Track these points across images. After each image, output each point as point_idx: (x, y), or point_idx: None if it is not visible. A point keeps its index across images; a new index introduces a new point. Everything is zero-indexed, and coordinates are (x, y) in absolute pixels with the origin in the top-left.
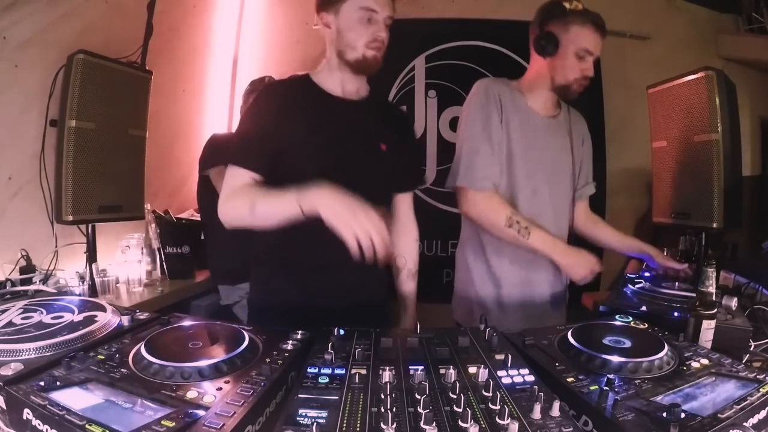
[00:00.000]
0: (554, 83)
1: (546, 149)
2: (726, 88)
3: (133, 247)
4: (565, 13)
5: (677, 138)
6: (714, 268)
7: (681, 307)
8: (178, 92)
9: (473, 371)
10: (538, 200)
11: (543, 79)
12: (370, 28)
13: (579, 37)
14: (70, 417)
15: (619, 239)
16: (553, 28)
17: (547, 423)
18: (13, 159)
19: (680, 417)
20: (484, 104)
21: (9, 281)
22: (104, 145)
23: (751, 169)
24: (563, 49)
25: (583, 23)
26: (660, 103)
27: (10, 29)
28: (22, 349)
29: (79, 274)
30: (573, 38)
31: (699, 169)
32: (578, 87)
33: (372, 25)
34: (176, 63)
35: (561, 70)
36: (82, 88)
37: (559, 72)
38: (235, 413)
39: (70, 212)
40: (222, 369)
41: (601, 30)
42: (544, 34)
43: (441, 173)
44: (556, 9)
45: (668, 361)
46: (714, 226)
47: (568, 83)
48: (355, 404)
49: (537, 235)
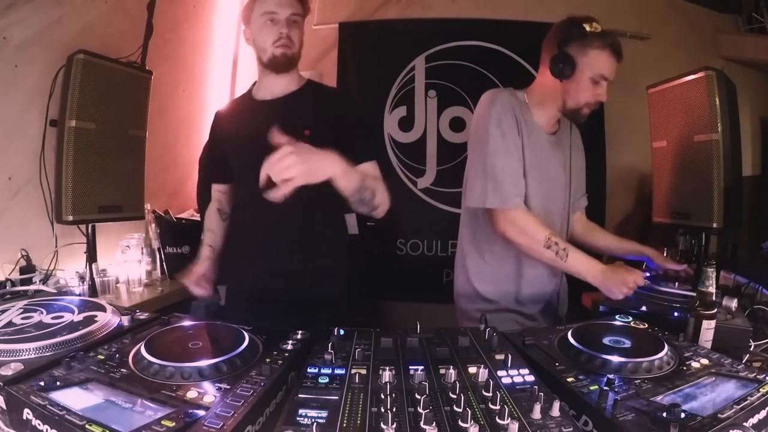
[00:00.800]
0: (565, 106)
1: (549, 166)
2: (726, 88)
3: (133, 247)
4: (585, 35)
5: (677, 138)
6: (714, 268)
7: (681, 307)
8: (178, 92)
9: (473, 371)
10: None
11: (553, 100)
12: (274, 28)
13: (597, 62)
14: (70, 417)
15: (617, 243)
16: (571, 50)
17: (547, 423)
18: (13, 159)
19: (680, 417)
20: (503, 119)
21: (9, 281)
22: (104, 145)
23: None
24: (579, 73)
25: (602, 47)
26: (660, 103)
27: (10, 29)
28: (22, 349)
29: (79, 274)
30: (590, 62)
31: (699, 169)
32: (588, 110)
33: (275, 25)
34: (176, 63)
35: (574, 93)
36: (82, 88)
37: (572, 95)
38: (235, 413)
39: (70, 212)
40: (222, 369)
41: (617, 55)
42: (562, 56)
43: (441, 173)
44: (575, 30)
45: (668, 361)
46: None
47: (579, 107)
48: (355, 404)
49: (574, 256)
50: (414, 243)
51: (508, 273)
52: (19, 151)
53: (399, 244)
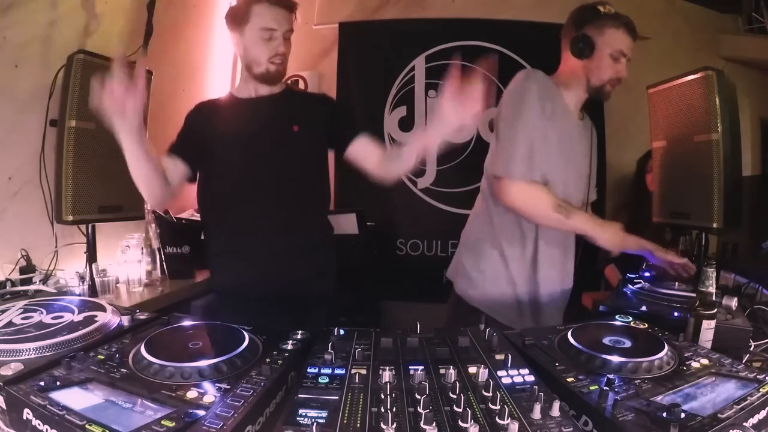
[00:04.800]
0: (590, 84)
1: (577, 150)
2: (726, 88)
3: (133, 247)
4: (600, 17)
5: (677, 138)
6: (714, 268)
7: (681, 307)
8: (178, 92)
9: (473, 371)
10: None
11: (578, 80)
12: (271, 44)
13: (614, 40)
14: (70, 417)
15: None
16: (589, 31)
17: (547, 423)
18: (13, 159)
19: (680, 417)
20: (539, 94)
21: (9, 281)
22: (104, 145)
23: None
24: (598, 51)
25: (618, 26)
26: (660, 103)
27: (10, 29)
28: (22, 349)
29: (79, 274)
30: (608, 41)
31: (699, 169)
32: (611, 87)
33: (272, 41)
34: (176, 63)
35: (596, 71)
36: (82, 88)
37: (594, 73)
38: (235, 413)
39: (70, 212)
40: (222, 369)
41: (633, 32)
42: (581, 37)
43: (441, 173)
44: (590, 13)
45: (668, 361)
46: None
47: (602, 84)
48: (355, 404)
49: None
50: (414, 243)
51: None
52: (19, 151)
53: (399, 244)
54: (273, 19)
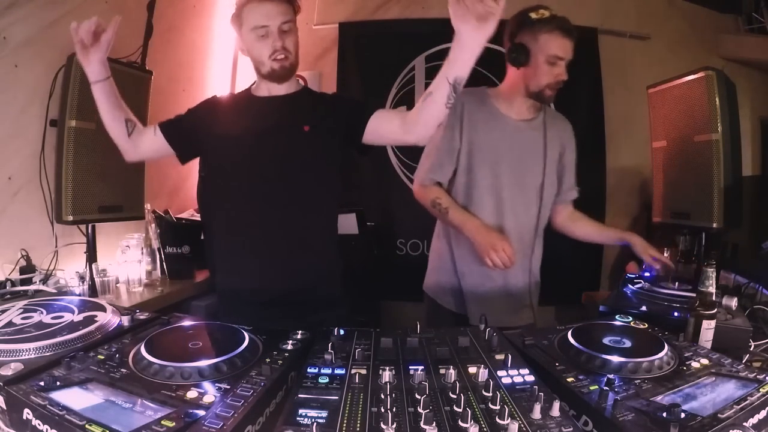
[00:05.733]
0: (528, 90)
1: (513, 148)
2: (726, 88)
3: (133, 247)
4: (532, 23)
5: (677, 138)
6: (714, 268)
7: (681, 307)
8: (178, 92)
9: (473, 371)
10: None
11: (517, 88)
12: (267, 41)
13: (548, 45)
14: (70, 417)
15: (599, 231)
16: (523, 38)
17: (547, 423)
18: (13, 159)
19: (680, 417)
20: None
21: (9, 281)
22: (104, 145)
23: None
24: (534, 58)
25: (551, 30)
26: (660, 103)
27: (10, 29)
28: (22, 349)
29: (79, 274)
30: (542, 46)
31: (699, 169)
32: (551, 92)
33: (268, 38)
34: (176, 63)
35: (534, 77)
36: (82, 88)
37: (532, 80)
38: (235, 413)
39: (70, 212)
40: (222, 369)
41: (569, 34)
42: (515, 46)
43: None
44: (522, 19)
45: (668, 361)
46: (714, 226)
47: (541, 89)
48: (355, 404)
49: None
50: (414, 243)
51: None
52: (19, 151)
53: (399, 244)
54: (262, 15)
